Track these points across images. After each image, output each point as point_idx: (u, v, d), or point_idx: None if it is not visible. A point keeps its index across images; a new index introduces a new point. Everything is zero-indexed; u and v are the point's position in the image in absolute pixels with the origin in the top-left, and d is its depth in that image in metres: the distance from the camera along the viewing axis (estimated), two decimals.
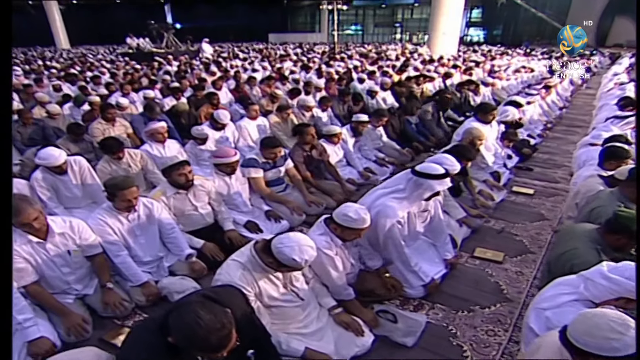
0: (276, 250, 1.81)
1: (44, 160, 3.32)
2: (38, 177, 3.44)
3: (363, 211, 2.23)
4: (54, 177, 3.49)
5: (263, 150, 3.60)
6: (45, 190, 3.46)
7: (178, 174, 2.92)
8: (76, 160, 3.65)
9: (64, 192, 3.59)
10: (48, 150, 3.37)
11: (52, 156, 3.31)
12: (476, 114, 4.46)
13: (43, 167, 3.46)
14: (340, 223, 2.24)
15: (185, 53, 16.66)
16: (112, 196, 2.53)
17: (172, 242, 2.87)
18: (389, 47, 24.46)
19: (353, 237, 2.30)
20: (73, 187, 3.61)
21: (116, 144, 3.76)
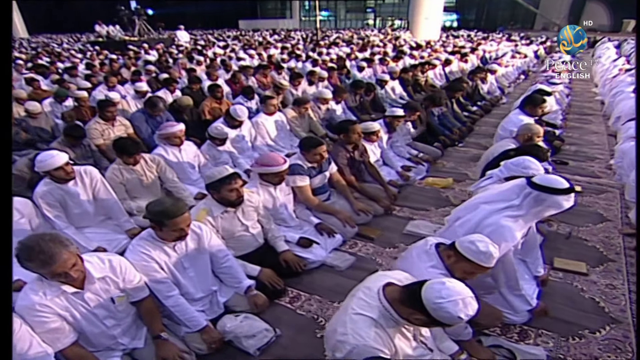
0: (434, 306, 1.37)
1: (42, 163, 2.80)
2: (42, 191, 2.89)
3: (494, 248, 1.80)
4: (61, 189, 2.92)
5: (306, 153, 3.12)
6: (50, 207, 2.91)
7: (229, 189, 2.42)
8: (87, 171, 3.09)
9: (73, 209, 3.03)
10: (44, 152, 2.85)
11: (50, 156, 2.79)
12: (523, 107, 4.12)
13: (47, 180, 2.91)
14: (463, 253, 1.81)
15: (160, 41, 15.61)
16: (160, 225, 2.01)
17: (227, 273, 2.38)
18: (371, 33, 23.93)
19: (466, 276, 1.86)
20: (83, 202, 3.05)
21: (133, 145, 3.20)
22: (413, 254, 2.01)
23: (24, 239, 1.65)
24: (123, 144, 3.19)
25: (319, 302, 2.57)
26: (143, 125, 4.77)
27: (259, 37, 20.99)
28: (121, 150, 3.20)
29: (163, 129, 3.67)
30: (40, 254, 1.59)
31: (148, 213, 2.01)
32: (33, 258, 1.60)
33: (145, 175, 3.39)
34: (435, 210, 3.75)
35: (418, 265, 1.90)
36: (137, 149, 3.21)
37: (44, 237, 1.64)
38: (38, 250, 1.59)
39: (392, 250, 3.12)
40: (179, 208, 2.00)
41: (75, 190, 3.00)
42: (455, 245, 1.84)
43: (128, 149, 3.16)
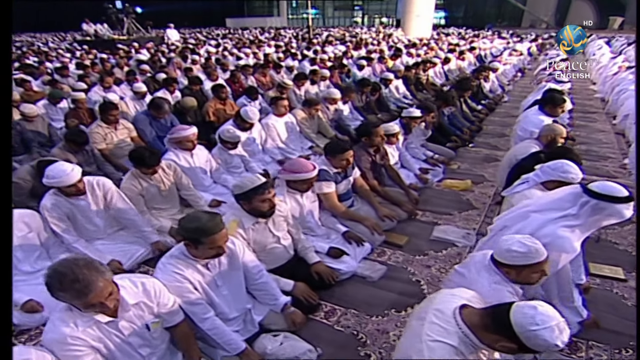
0: (530, 334, 1.24)
1: (54, 179, 2.60)
2: (48, 204, 2.70)
3: (529, 240, 1.75)
4: (69, 202, 2.73)
5: (332, 158, 2.96)
6: (58, 221, 2.73)
7: (261, 199, 2.25)
8: (99, 183, 2.90)
9: (82, 222, 2.84)
10: (57, 165, 2.64)
11: (63, 172, 2.59)
12: (542, 107, 4.02)
13: (54, 191, 2.70)
14: (510, 263, 1.72)
15: (150, 40, 15.22)
16: (196, 243, 1.84)
17: (262, 289, 2.22)
18: (361, 31, 23.84)
19: (537, 277, 1.77)
20: (93, 215, 2.88)
21: (152, 157, 3.00)
22: (472, 270, 1.88)
23: (56, 266, 1.47)
24: (140, 155, 2.99)
25: (356, 317, 2.43)
26: (147, 128, 4.57)
27: (250, 36, 20.71)
28: (139, 162, 3.00)
29: (175, 132, 3.48)
30: (75, 283, 1.42)
31: (182, 230, 1.84)
32: (67, 287, 1.42)
33: (163, 184, 3.21)
34: (458, 214, 3.63)
35: (481, 282, 1.78)
36: (156, 161, 3.02)
37: (78, 262, 1.46)
38: (72, 278, 1.42)
39: (422, 257, 3.00)
40: (216, 224, 1.83)
41: (85, 204, 2.82)
42: (499, 259, 1.77)
43: (146, 161, 2.97)
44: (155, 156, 3.01)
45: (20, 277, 2.53)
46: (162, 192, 3.24)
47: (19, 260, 2.54)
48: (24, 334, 2.37)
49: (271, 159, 4.46)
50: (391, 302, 2.54)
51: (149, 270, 2.90)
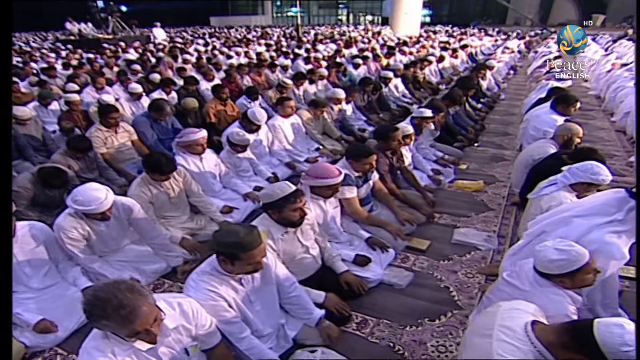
0: (620, 354, 1.16)
1: (85, 206, 2.35)
2: (65, 225, 2.48)
3: (563, 244, 1.70)
4: (88, 225, 2.55)
5: (355, 161, 2.86)
6: (75, 242, 2.53)
7: (293, 208, 2.14)
8: (126, 208, 2.67)
9: (96, 243, 2.67)
10: (89, 190, 2.37)
11: (97, 200, 2.35)
12: (554, 106, 3.99)
13: (74, 212, 2.49)
14: (560, 272, 1.67)
15: (137, 39, 14.85)
16: (233, 258, 1.72)
17: (296, 303, 2.10)
18: (347, 29, 23.77)
19: (589, 281, 1.71)
20: (110, 239, 2.71)
21: (168, 163, 2.84)
22: (524, 281, 1.80)
23: (95, 291, 1.33)
24: (157, 161, 2.82)
25: (390, 327, 2.34)
26: (148, 131, 4.39)
27: (237, 34, 20.44)
28: (154, 169, 2.84)
29: (184, 136, 3.32)
30: (120, 309, 1.28)
31: (218, 245, 1.71)
32: (111, 315, 1.28)
33: (173, 190, 3.05)
34: (475, 216, 3.57)
35: (537, 295, 1.70)
36: (173, 168, 2.88)
37: (119, 286, 1.33)
38: (116, 304, 1.28)
39: (447, 263, 2.92)
40: (255, 238, 1.71)
41: (105, 230, 2.63)
42: (545, 272, 1.71)
43: (163, 168, 2.82)
44: (172, 163, 2.87)
45: (30, 295, 2.37)
46: (171, 199, 3.08)
47: (27, 276, 2.37)
48: (38, 357, 2.21)
49: (279, 162, 4.34)
50: (423, 311, 2.45)
51: (163, 283, 2.77)
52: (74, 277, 2.47)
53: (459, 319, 2.39)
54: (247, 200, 3.57)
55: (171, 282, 2.77)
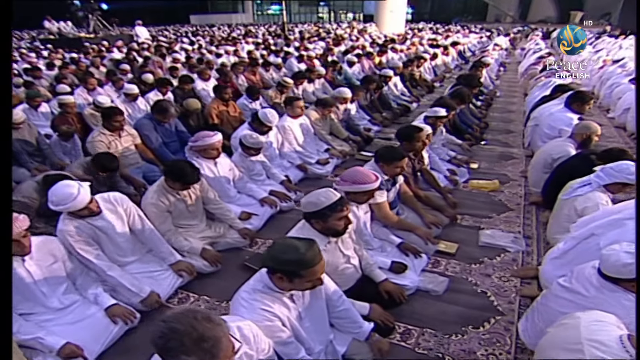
0: None
1: (60, 205, 2.24)
2: (69, 228, 2.33)
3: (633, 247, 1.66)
4: (90, 223, 2.39)
5: (385, 165, 2.76)
6: (86, 246, 2.38)
7: (339, 217, 2.02)
8: (117, 200, 2.57)
9: (107, 245, 2.51)
10: (60, 188, 2.26)
11: (70, 196, 2.22)
12: (569, 104, 3.98)
13: (68, 214, 2.34)
14: (632, 277, 1.61)
15: (119, 38, 14.40)
16: (293, 276, 1.59)
17: (344, 317, 1.99)
18: (332, 27, 23.67)
19: None
20: (119, 235, 2.53)
21: (193, 173, 2.69)
22: (589, 288, 1.74)
23: (169, 322, 1.16)
24: (182, 170, 2.66)
25: (434, 337, 2.25)
26: (152, 134, 4.20)
27: (222, 33, 20.10)
28: (178, 178, 2.68)
29: (199, 139, 3.16)
30: (202, 342, 1.14)
31: (276, 262, 1.58)
32: (192, 349, 1.12)
33: (190, 198, 2.89)
34: (497, 216, 3.52)
35: (607, 301, 1.64)
36: (197, 178, 2.74)
37: (196, 316, 1.18)
38: (197, 337, 1.14)
39: (479, 266, 2.85)
40: (316, 254, 1.59)
41: (106, 224, 2.46)
42: (617, 276, 1.66)
43: (188, 177, 2.67)
44: (197, 172, 2.71)
45: (49, 316, 2.18)
46: (189, 207, 2.92)
47: (45, 296, 2.18)
48: None
49: (290, 164, 4.21)
50: (464, 318, 2.38)
51: (188, 296, 2.61)
52: (94, 294, 2.30)
53: (503, 326, 2.32)
54: (265, 206, 3.44)
55: (196, 295, 2.62)
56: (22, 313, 2.12)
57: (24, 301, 2.13)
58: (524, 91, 8.24)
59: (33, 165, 4.22)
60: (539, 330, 1.94)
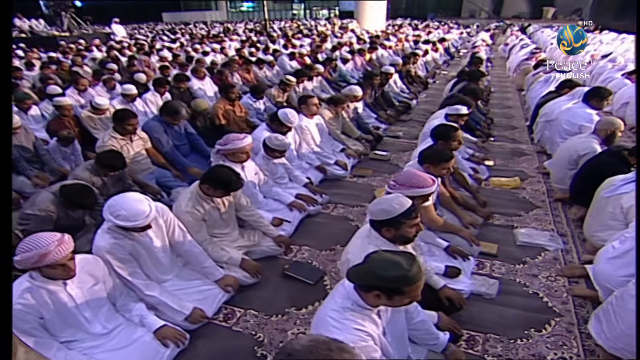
0: None
1: (130, 222, 2.04)
2: (107, 245, 2.14)
3: None
4: (129, 238, 2.21)
5: (432, 166, 2.68)
6: (123, 263, 2.20)
7: (412, 224, 1.92)
8: (159, 209, 2.37)
9: (146, 261, 2.33)
10: (131, 202, 2.07)
11: (142, 213, 2.06)
12: (587, 100, 4.00)
13: (110, 227, 2.17)
14: None
15: (97, 37, 13.80)
16: (395, 293, 1.48)
17: (421, 329, 1.90)
18: (306, 23, 23.51)
19: None
20: (158, 251, 2.36)
21: (239, 180, 2.55)
22: None
23: (298, 351, 1.04)
24: (226, 178, 2.50)
25: (500, 342, 2.19)
26: (163, 137, 3.98)
27: (202, 31, 19.64)
28: (223, 184, 2.50)
29: (229, 142, 2.98)
30: None
31: (377, 279, 1.45)
32: None
33: (224, 205, 2.73)
34: (526, 214, 3.51)
35: None
36: (241, 184, 2.60)
37: (330, 346, 1.05)
38: None
39: (523, 266, 2.81)
40: (419, 268, 1.48)
41: (148, 238, 2.29)
42: None
43: (232, 185, 2.52)
44: (241, 180, 2.56)
45: (93, 342, 1.99)
46: (222, 215, 2.76)
47: (88, 321, 1.99)
48: None
49: (309, 165, 4.07)
50: (524, 321, 2.33)
51: (233, 311, 2.46)
52: (139, 315, 2.12)
53: (565, 327, 2.29)
54: (293, 210, 3.31)
55: (241, 309, 2.46)
56: (64, 341, 1.94)
57: (66, 328, 1.95)
58: (516, 86, 8.37)
59: (33, 173, 3.95)
60: (620, 332, 1.90)
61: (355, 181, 4.17)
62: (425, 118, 6.31)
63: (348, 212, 3.56)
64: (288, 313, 2.41)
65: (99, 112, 4.74)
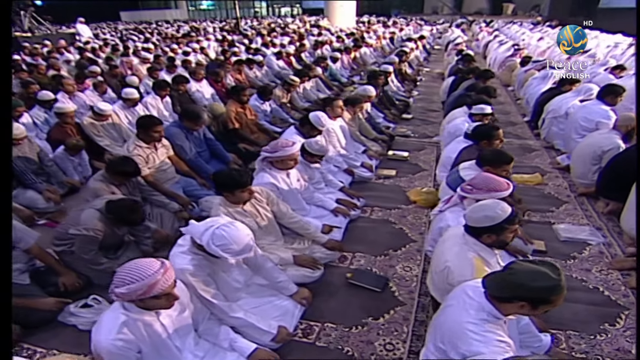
0: None
1: (240, 254, 1.93)
2: (190, 267, 1.99)
3: None
4: (208, 259, 2.07)
5: (494, 168, 2.67)
6: (205, 285, 2.04)
7: (512, 230, 1.92)
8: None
9: (224, 281, 2.20)
10: (235, 231, 1.91)
11: (248, 244, 1.94)
12: (602, 97, 4.16)
13: (190, 248, 2.03)
14: None
15: (61, 37, 12.99)
16: (542, 303, 1.46)
17: (526, 331, 1.90)
18: (284, 22, 23.28)
19: None
20: (233, 269, 2.25)
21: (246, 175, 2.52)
22: None
23: None
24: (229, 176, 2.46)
25: (582, 339, 2.23)
26: (186, 143, 3.80)
27: (172, 30, 19.00)
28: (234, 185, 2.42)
29: (280, 149, 2.86)
30: None
31: (527, 291, 1.43)
32: None
33: (260, 215, 2.62)
34: (557, 210, 3.61)
35: None
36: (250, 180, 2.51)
37: None
38: None
39: (574, 262, 2.89)
40: (564, 277, 1.48)
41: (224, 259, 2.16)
42: None
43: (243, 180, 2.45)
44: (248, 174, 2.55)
45: None
46: (259, 224, 2.64)
47: (180, 351, 1.84)
48: None
49: (337, 169, 4.01)
50: (597, 316, 2.39)
51: (310, 326, 2.36)
52: (228, 339, 1.98)
53: (633, 319, 2.36)
54: (338, 216, 3.25)
55: (318, 323, 2.37)
56: None
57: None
58: (502, 82, 8.61)
59: (43, 186, 3.69)
60: None
61: (382, 183, 4.15)
62: (425, 116, 6.46)
63: (387, 215, 3.53)
64: (367, 324, 2.35)
65: (101, 119, 4.48)
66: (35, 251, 2.55)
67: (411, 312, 2.45)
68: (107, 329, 1.60)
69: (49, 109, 4.92)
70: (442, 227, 2.42)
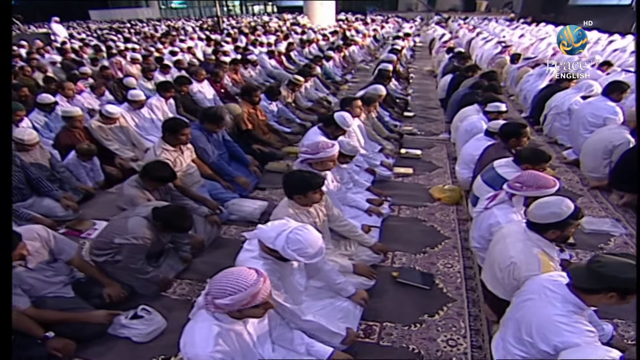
0: None
1: (313, 257, 1.89)
2: (267, 272, 1.86)
3: None
4: (277, 264, 2.06)
5: (531, 165, 2.74)
6: (279, 290, 2.02)
7: (575, 225, 1.99)
8: None
9: (290, 285, 2.19)
10: (311, 237, 1.88)
11: (323, 248, 1.92)
12: (607, 93, 4.33)
13: (261, 254, 2.00)
14: None
15: (37, 37, 12.46)
16: (631, 293, 1.54)
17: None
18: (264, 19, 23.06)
19: None
20: (296, 272, 2.24)
21: (319, 176, 2.52)
22: None
23: None
24: (311, 176, 2.45)
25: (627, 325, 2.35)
26: (208, 146, 3.74)
27: (148, 28, 18.50)
28: (306, 186, 2.41)
29: (321, 150, 2.84)
30: None
31: (619, 282, 1.50)
32: None
33: (319, 217, 2.63)
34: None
35: None
36: (321, 182, 2.50)
37: None
38: None
39: (603, 253, 2.99)
40: None
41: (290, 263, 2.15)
42: None
43: (312, 182, 2.44)
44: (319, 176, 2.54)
45: None
46: (318, 227, 2.66)
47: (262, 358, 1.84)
48: None
49: (358, 168, 4.02)
50: None
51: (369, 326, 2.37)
52: (304, 344, 1.95)
53: None
54: (372, 216, 3.27)
55: (377, 323, 2.39)
56: None
57: None
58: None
59: (59, 194, 3.55)
60: None
61: (402, 181, 4.19)
62: (426, 113, 6.56)
63: (415, 213, 3.57)
64: (424, 321, 2.39)
65: (109, 122, 4.35)
66: (76, 262, 2.47)
67: (463, 308, 2.49)
68: (203, 341, 1.56)
69: (49, 112, 4.75)
70: (492, 224, 2.48)
